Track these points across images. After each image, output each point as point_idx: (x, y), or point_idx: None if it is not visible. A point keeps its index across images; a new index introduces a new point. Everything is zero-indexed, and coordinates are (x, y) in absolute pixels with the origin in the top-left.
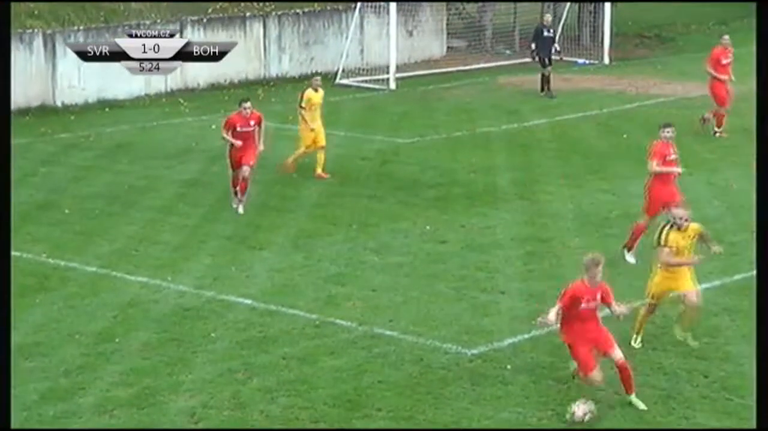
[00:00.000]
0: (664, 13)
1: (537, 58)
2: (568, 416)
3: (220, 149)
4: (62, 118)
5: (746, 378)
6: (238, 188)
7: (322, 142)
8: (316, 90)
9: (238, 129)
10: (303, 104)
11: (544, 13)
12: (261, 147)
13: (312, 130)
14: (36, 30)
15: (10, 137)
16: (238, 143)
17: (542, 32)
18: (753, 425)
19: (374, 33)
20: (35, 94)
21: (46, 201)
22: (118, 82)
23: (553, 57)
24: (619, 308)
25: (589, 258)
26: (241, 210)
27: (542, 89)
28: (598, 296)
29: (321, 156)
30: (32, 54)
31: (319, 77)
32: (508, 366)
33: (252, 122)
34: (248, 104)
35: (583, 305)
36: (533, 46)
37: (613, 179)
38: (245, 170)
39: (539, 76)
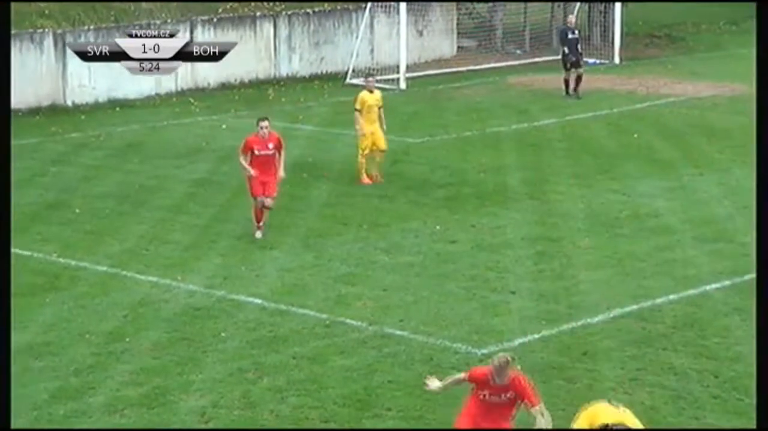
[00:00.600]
0: (674, 13)
1: (565, 61)
2: None
3: (230, 149)
4: (72, 117)
5: (755, 377)
6: (256, 218)
7: (382, 145)
8: (371, 91)
9: (256, 153)
10: (358, 107)
11: (568, 14)
12: (282, 174)
13: (364, 135)
14: (46, 30)
15: (10, 137)
16: (252, 172)
17: (567, 34)
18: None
19: (384, 33)
20: (46, 93)
21: (56, 201)
22: (128, 81)
23: (582, 59)
24: (542, 419)
25: (497, 361)
26: (259, 235)
27: (569, 89)
28: (507, 395)
29: (378, 160)
30: (43, 54)
31: (372, 78)
32: (519, 366)
33: (271, 145)
34: (266, 123)
35: (482, 395)
36: (565, 49)
37: (624, 179)
38: (268, 201)
39: (573, 77)
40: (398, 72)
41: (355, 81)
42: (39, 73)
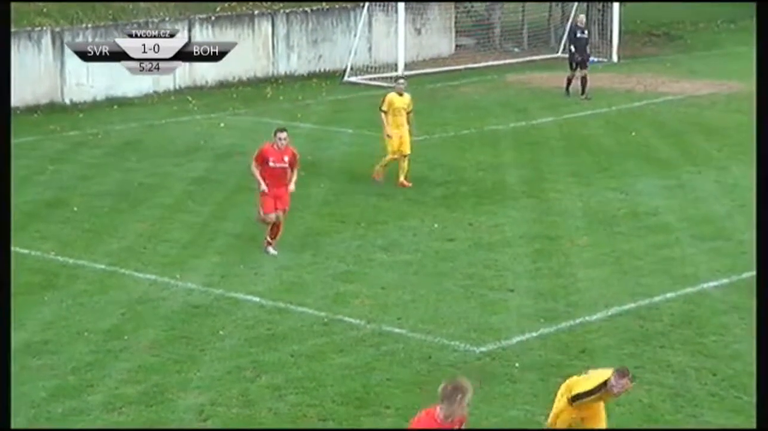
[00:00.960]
0: (671, 13)
1: (571, 60)
2: None
3: (228, 147)
4: (71, 115)
5: (755, 376)
6: (269, 234)
7: (407, 149)
8: (400, 94)
9: (271, 164)
10: (383, 108)
11: (578, 13)
12: (292, 187)
13: (388, 136)
14: (45, 28)
15: (11, 136)
16: (265, 188)
17: (576, 33)
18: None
19: (382, 31)
20: (44, 91)
21: (54, 199)
22: (126, 80)
23: (589, 59)
24: None
25: (450, 385)
26: (272, 251)
27: (569, 89)
28: None
29: (404, 164)
30: (41, 52)
31: (402, 80)
32: (517, 364)
33: (286, 158)
34: (284, 135)
35: None
36: (572, 48)
37: (622, 177)
38: (279, 216)
39: (580, 77)
40: (396, 70)
41: (353, 79)
42: (37, 72)
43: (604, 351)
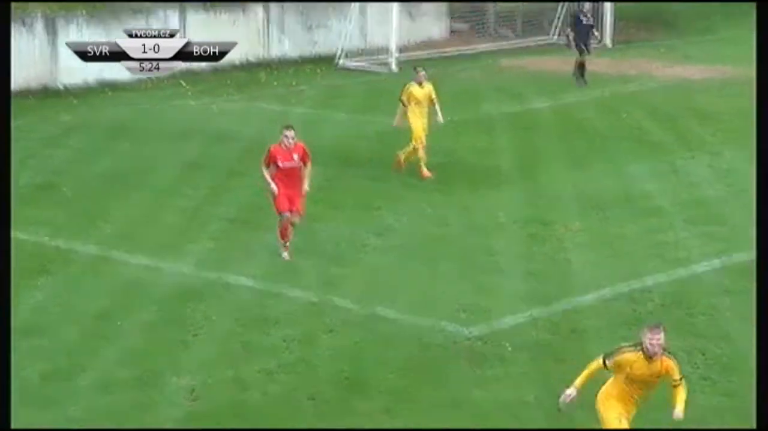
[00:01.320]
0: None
1: (574, 45)
2: None
3: (221, 132)
4: (64, 100)
5: (747, 359)
6: (281, 236)
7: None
8: (420, 85)
9: (280, 165)
10: (403, 98)
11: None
12: (306, 187)
13: (394, 126)
14: (37, 13)
15: (11, 123)
16: (275, 189)
17: (581, 19)
18: (753, 405)
19: (376, 16)
20: (37, 76)
21: (47, 183)
22: (119, 64)
23: (591, 45)
24: None
25: None
26: (286, 256)
27: (581, 75)
28: None
29: (411, 153)
30: (34, 36)
31: (423, 70)
32: (508, 346)
33: (296, 156)
34: (291, 133)
35: None
36: (570, 33)
37: (616, 161)
38: (295, 218)
39: (575, 61)
40: (390, 55)
41: (346, 64)
42: (30, 56)
43: (596, 333)
